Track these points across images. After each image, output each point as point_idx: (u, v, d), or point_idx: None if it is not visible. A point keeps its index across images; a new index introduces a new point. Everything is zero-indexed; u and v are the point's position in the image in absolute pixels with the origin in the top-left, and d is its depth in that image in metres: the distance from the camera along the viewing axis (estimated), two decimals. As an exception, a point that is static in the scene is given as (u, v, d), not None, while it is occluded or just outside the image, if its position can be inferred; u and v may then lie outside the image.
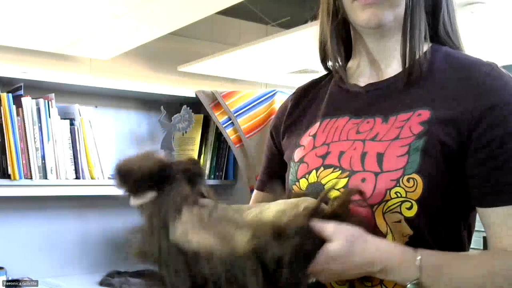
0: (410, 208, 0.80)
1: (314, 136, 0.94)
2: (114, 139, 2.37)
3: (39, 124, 1.96)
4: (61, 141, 2.02)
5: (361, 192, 0.80)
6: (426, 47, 0.89)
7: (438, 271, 0.78)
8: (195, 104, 2.36)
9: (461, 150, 0.81)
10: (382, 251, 0.77)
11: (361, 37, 0.93)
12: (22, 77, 1.96)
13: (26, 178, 1.91)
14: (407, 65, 0.87)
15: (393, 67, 0.91)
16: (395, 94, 0.89)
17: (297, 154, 0.95)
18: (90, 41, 2.12)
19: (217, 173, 2.42)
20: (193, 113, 2.37)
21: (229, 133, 2.28)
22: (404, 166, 0.81)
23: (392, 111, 0.87)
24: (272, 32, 2.54)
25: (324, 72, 1.04)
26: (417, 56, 0.87)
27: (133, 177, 0.75)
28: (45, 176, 1.96)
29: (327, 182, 0.87)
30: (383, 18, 0.86)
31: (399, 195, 0.80)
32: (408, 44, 0.87)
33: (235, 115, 2.27)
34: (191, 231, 0.72)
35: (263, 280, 0.68)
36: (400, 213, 0.80)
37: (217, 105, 2.31)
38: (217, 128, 2.36)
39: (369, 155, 0.84)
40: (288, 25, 2.37)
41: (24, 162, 1.91)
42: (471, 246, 0.90)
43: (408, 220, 0.81)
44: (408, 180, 0.80)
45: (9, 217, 2.14)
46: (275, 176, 1.02)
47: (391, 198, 0.80)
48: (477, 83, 0.83)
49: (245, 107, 2.29)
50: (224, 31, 2.83)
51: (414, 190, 0.80)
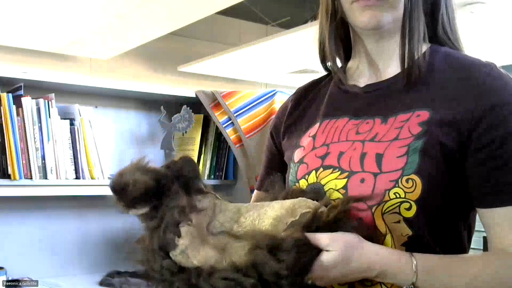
0: (409, 209, 0.80)
1: (314, 137, 0.94)
2: (114, 139, 2.37)
3: (39, 124, 1.97)
4: (61, 141, 2.02)
5: (360, 199, 0.81)
6: (425, 48, 0.89)
7: (434, 275, 0.79)
8: (195, 104, 2.36)
9: (461, 150, 0.81)
10: (379, 257, 0.78)
11: (360, 38, 0.93)
12: (22, 77, 1.96)
13: (26, 178, 1.91)
14: (406, 66, 0.87)
15: (392, 68, 0.91)
16: (395, 95, 0.89)
17: (297, 155, 0.95)
18: (90, 41, 2.11)
19: (217, 173, 2.42)
20: (193, 113, 2.37)
21: (229, 133, 2.28)
22: (403, 167, 0.81)
23: (392, 112, 0.87)
24: (272, 32, 2.53)
25: (324, 73, 1.04)
26: (416, 57, 0.87)
27: (129, 195, 0.76)
28: (45, 176, 1.96)
29: (327, 183, 0.87)
30: (382, 20, 0.86)
31: (398, 196, 0.80)
32: (407, 45, 0.87)
33: (235, 115, 2.27)
34: (191, 249, 0.73)
35: None
36: (399, 214, 0.81)
37: (217, 105, 2.31)
38: (217, 128, 2.36)
39: (369, 156, 0.84)
40: (288, 25, 2.36)
41: (24, 162, 1.91)
42: (471, 246, 0.90)
43: (407, 221, 0.81)
44: (407, 181, 0.80)
45: (9, 217, 2.14)
46: (275, 176, 1.03)
47: (390, 199, 0.80)
48: (477, 83, 0.82)
49: (245, 107, 2.29)
50: (224, 31, 2.83)
51: (413, 191, 0.80)
